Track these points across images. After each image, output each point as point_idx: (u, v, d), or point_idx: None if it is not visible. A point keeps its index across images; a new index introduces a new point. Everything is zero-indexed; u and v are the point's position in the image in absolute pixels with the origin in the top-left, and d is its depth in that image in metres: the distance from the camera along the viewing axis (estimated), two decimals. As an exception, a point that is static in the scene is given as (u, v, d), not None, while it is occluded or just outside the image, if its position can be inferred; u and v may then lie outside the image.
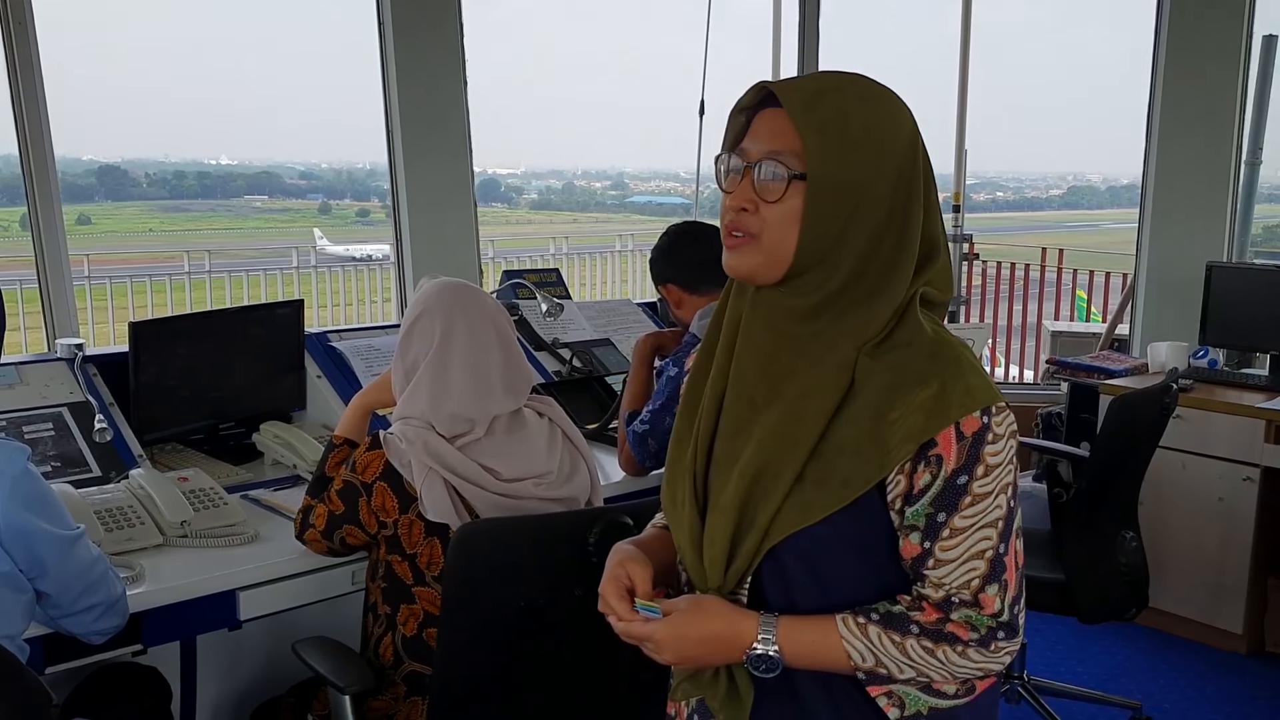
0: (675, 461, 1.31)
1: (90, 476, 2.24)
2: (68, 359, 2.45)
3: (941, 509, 1.16)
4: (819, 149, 1.16)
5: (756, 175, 1.19)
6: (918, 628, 1.17)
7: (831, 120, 1.17)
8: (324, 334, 2.85)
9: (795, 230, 1.18)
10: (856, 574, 1.21)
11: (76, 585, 1.68)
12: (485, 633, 1.76)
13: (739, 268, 1.22)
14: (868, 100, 1.19)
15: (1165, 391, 2.91)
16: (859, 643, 1.17)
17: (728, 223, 1.23)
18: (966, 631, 1.17)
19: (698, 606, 1.21)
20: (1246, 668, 3.59)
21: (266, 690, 2.26)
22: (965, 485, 1.15)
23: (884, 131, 1.19)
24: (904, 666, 1.17)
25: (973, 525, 1.16)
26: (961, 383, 1.16)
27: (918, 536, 1.17)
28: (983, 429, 1.16)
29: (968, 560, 1.17)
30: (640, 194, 29.06)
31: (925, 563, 1.17)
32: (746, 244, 1.21)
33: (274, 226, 23.07)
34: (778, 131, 1.19)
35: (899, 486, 1.17)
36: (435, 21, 4.07)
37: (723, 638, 1.20)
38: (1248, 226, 4.59)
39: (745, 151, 1.21)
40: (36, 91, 3.43)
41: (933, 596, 1.17)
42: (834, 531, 1.18)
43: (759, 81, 1.22)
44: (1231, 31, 4.21)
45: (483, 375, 1.90)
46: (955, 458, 1.15)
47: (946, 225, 1.45)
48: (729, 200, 1.22)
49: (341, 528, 1.89)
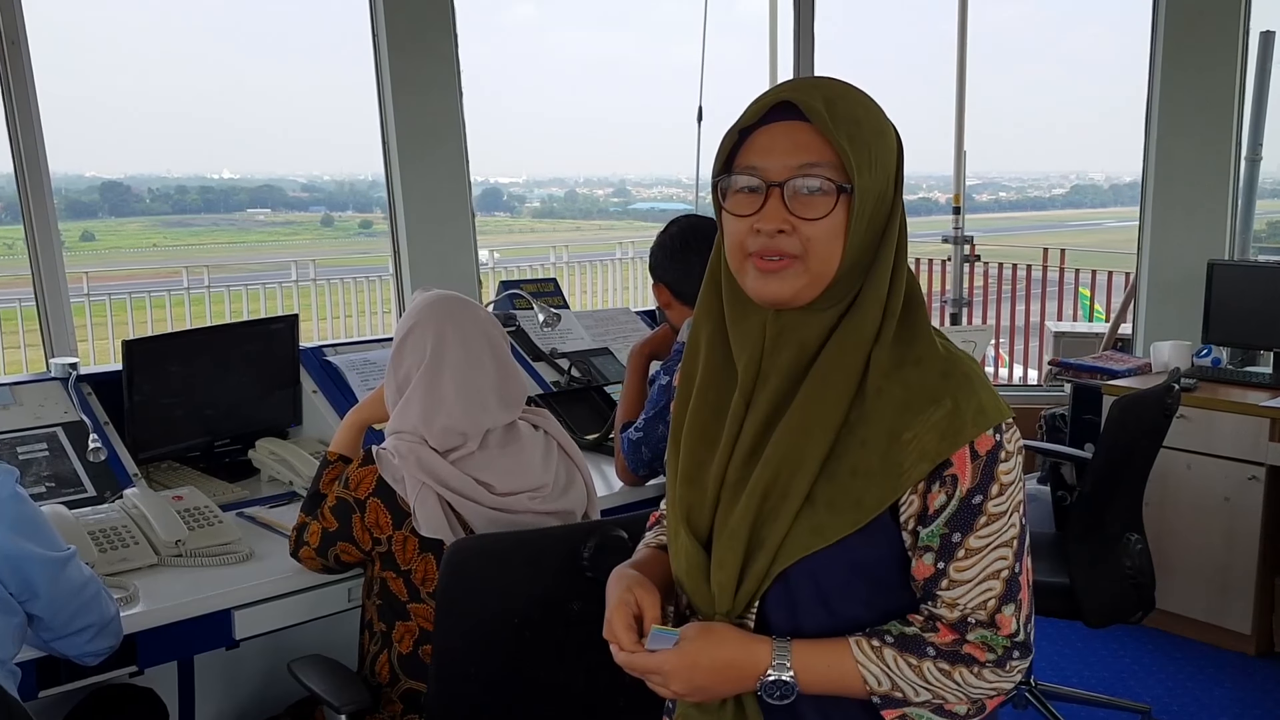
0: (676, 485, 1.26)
1: (85, 496, 2.23)
2: (62, 378, 2.44)
3: (956, 529, 1.15)
4: (854, 158, 1.12)
5: (787, 192, 1.13)
6: (934, 650, 1.15)
7: (852, 128, 1.14)
8: (319, 348, 2.84)
9: (839, 246, 1.14)
10: (863, 596, 1.19)
11: (68, 607, 1.66)
12: (480, 650, 1.74)
13: (781, 293, 1.15)
14: (865, 103, 1.18)
15: (1168, 391, 2.89)
16: (874, 666, 1.15)
17: (759, 247, 1.14)
18: (983, 652, 1.16)
19: (708, 634, 1.17)
20: (1255, 668, 3.56)
21: (264, 710, 2.25)
22: (980, 505, 1.14)
23: (885, 134, 1.17)
24: (920, 689, 1.16)
25: (988, 545, 1.15)
26: (974, 400, 1.14)
27: (931, 557, 1.16)
28: (995, 447, 1.15)
29: (983, 580, 1.15)
30: (643, 201, 29.04)
31: (939, 583, 1.16)
32: (789, 267, 1.14)
33: (277, 240, 23.10)
34: (803, 144, 1.13)
35: (912, 507, 1.16)
36: (429, 33, 4.07)
37: (735, 665, 1.16)
38: (1249, 223, 4.57)
39: (761, 169, 1.14)
40: (31, 110, 3.43)
41: (947, 617, 1.16)
42: (844, 553, 1.15)
43: (764, 93, 1.17)
44: (1229, 28, 4.19)
45: (475, 388, 1.88)
46: (970, 477, 1.14)
47: (947, 227, 1.44)
48: (755, 224, 1.14)
49: (335, 545, 1.88)
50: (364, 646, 1.93)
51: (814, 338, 1.17)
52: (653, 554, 1.36)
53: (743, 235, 1.16)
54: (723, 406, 1.22)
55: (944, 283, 6.00)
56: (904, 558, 1.18)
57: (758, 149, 1.16)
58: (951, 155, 5.52)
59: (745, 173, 1.16)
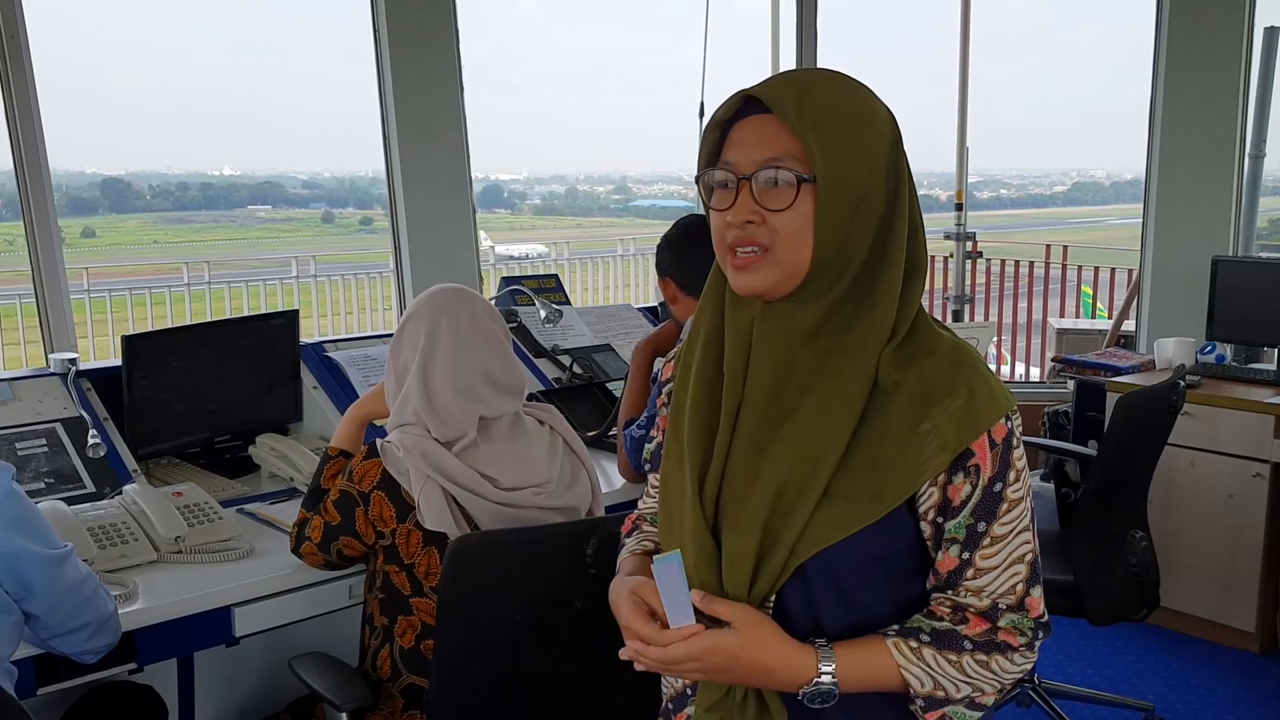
0: (674, 482, 1.24)
1: (84, 492, 2.21)
2: (61, 374, 2.42)
3: (981, 518, 1.16)
4: (819, 148, 1.12)
5: (755, 185, 1.14)
6: (970, 643, 1.16)
7: (823, 117, 1.13)
8: (320, 344, 2.83)
9: (808, 236, 1.14)
10: (880, 588, 1.18)
11: (65, 605, 1.65)
12: (482, 646, 1.73)
13: (755, 285, 1.16)
14: (849, 92, 1.17)
15: (1173, 388, 2.87)
16: (916, 668, 1.15)
17: (731, 240, 1.16)
18: (1016, 637, 1.17)
19: (756, 631, 1.14)
20: (1260, 666, 3.55)
21: (264, 707, 2.24)
22: (1001, 492, 1.16)
23: (871, 122, 1.16)
24: (960, 685, 1.16)
25: (1011, 531, 1.17)
26: (986, 389, 1.15)
27: (957, 549, 1.16)
28: (1009, 434, 1.17)
29: (1010, 566, 1.17)
30: (643, 198, 29.03)
31: (964, 574, 1.17)
32: (759, 260, 1.15)
33: (277, 236, 23.09)
34: (768, 137, 1.14)
35: (932, 499, 1.16)
36: (431, 30, 4.06)
37: (775, 672, 1.14)
38: (1253, 220, 4.55)
39: (733, 164, 1.16)
40: (31, 105, 3.42)
41: (976, 606, 1.17)
42: (862, 545, 1.15)
43: (735, 92, 1.18)
44: (1233, 24, 4.18)
45: (466, 374, 1.87)
46: (991, 465, 1.15)
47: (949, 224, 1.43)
48: (728, 216, 1.16)
49: (338, 539, 1.87)
50: (365, 641, 1.92)
51: (801, 329, 1.17)
52: (642, 562, 1.33)
53: (722, 229, 1.18)
54: (719, 398, 1.22)
55: (946, 279, 5.98)
56: (919, 549, 1.18)
57: (732, 144, 1.18)
58: (954, 151, 5.52)
59: (720, 168, 1.18)
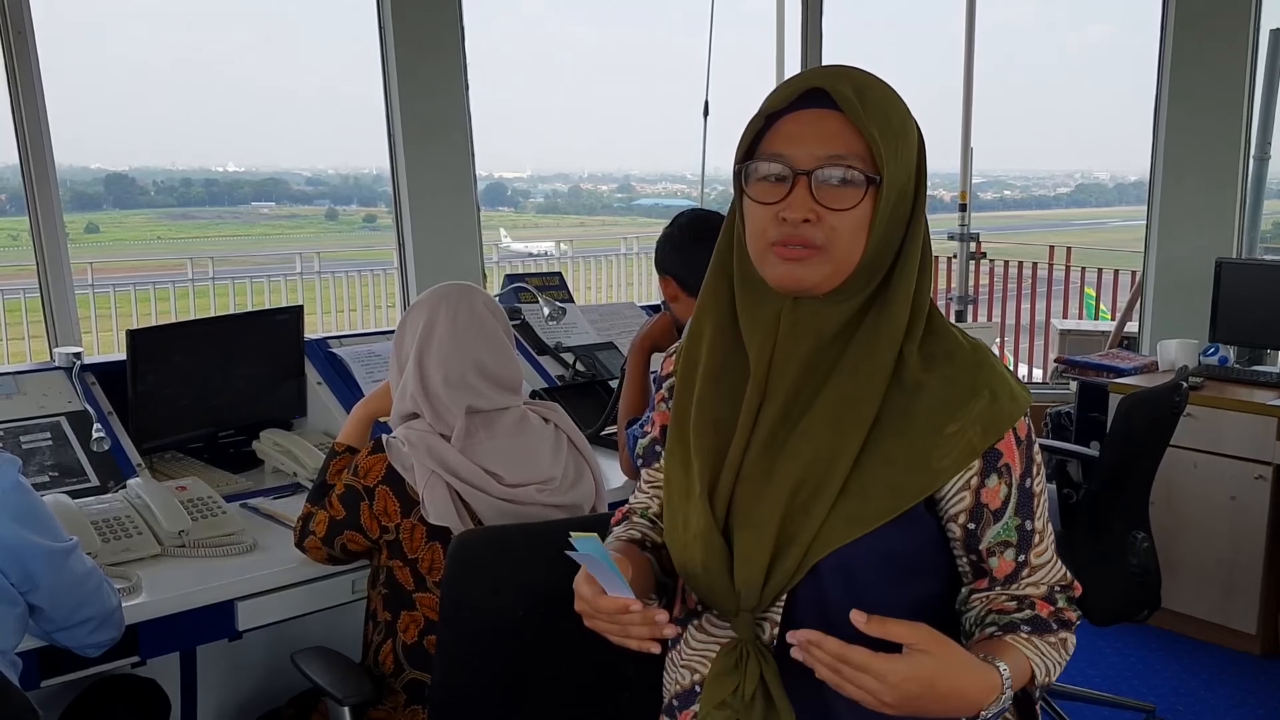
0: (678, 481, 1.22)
1: (88, 486, 2.22)
2: (66, 368, 2.43)
3: (1024, 516, 1.18)
4: (884, 150, 1.11)
5: (814, 181, 1.11)
6: (1053, 623, 1.18)
7: (882, 118, 1.12)
8: (324, 340, 2.83)
9: (863, 237, 1.13)
10: (894, 587, 1.17)
11: (70, 599, 1.65)
12: (485, 642, 1.73)
13: (803, 280, 1.13)
14: (891, 96, 1.16)
15: (1175, 390, 2.87)
16: (1039, 659, 1.15)
17: (783, 235, 1.12)
18: (1073, 613, 1.21)
19: (945, 654, 1.06)
20: (1261, 668, 3.55)
21: (267, 701, 2.24)
22: (1030, 487, 1.18)
23: (910, 124, 1.16)
24: (1055, 667, 1.18)
25: (1044, 522, 1.21)
26: (1005, 388, 1.16)
27: (1012, 553, 1.18)
28: (1029, 430, 1.18)
29: (1049, 552, 1.21)
30: (647, 196, 29.03)
31: (1020, 573, 1.19)
32: (812, 256, 1.12)
33: (281, 233, 23.10)
34: (831, 134, 1.11)
35: (963, 503, 1.16)
36: (436, 27, 4.05)
37: (967, 696, 1.07)
38: (1257, 222, 4.55)
39: (789, 157, 1.12)
40: (37, 101, 3.42)
41: (1035, 593, 1.19)
42: (878, 543, 1.14)
43: (793, 78, 1.15)
44: (1238, 26, 4.17)
45: (457, 363, 1.88)
46: (1019, 463, 1.17)
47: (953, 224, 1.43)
48: (782, 212, 1.12)
49: (342, 534, 1.87)
50: (368, 636, 1.92)
51: (831, 328, 1.16)
52: (626, 547, 1.30)
53: (765, 223, 1.14)
54: (736, 395, 1.19)
55: (949, 280, 5.98)
56: (935, 548, 1.19)
57: (785, 136, 1.13)
58: (958, 152, 5.51)
59: (772, 160, 1.14)
